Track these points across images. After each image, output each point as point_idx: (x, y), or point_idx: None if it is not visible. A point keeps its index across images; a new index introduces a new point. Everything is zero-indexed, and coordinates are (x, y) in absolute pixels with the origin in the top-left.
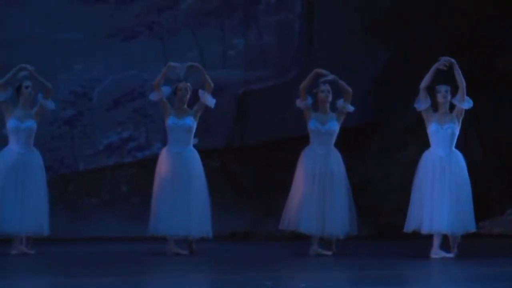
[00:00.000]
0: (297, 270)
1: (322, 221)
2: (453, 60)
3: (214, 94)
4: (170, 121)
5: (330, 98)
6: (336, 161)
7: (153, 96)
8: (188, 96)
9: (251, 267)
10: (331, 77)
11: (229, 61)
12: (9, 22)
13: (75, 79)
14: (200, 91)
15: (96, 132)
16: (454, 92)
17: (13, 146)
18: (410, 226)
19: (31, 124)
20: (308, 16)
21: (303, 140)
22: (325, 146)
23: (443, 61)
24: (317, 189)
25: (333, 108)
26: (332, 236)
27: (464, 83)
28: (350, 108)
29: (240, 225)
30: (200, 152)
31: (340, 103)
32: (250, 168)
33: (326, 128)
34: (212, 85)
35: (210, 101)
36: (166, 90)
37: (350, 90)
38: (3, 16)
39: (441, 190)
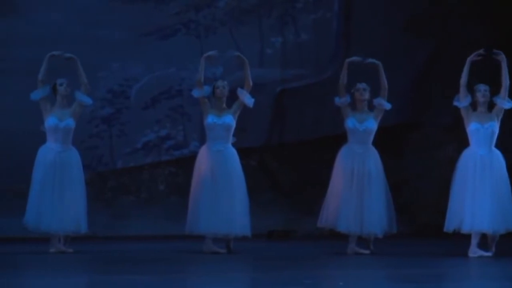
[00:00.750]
0: (335, 269)
1: (360, 219)
2: (502, 55)
3: (251, 92)
4: (209, 119)
5: (367, 96)
6: (374, 160)
7: (196, 93)
8: (226, 94)
9: (289, 266)
10: (366, 60)
11: (267, 59)
12: (47, 21)
13: (113, 78)
14: (239, 90)
15: (133, 130)
16: (493, 92)
17: (51, 144)
18: (450, 225)
19: (70, 122)
20: (345, 14)
21: (340, 138)
22: (363, 144)
23: (488, 54)
24: (356, 188)
25: (371, 107)
26: (370, 235)
27: (508, 82)
28: (387, 105)
29: (278, 223)
30: (238, 150)
31: (377, 101)
32: (288, 166)
33: (363, 126)
34: (251, 84)
35: (249, 101)
36: (207, 89)
37: (386, 83)
38: (42, 15)
39: (482, 189)
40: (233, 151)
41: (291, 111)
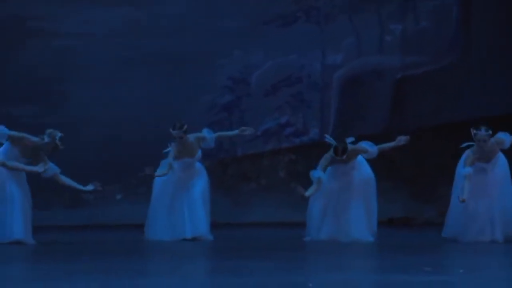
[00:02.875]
0: (456, 257)
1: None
2: None
3: (371, 79)
4: None
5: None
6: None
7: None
8: None
9: (409, 253)
10: None
11: (386, 46)
12: (170, 11)
13: (233, 65)
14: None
15: (254, 118)
16: None
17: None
18: None
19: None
20: (465, 1)
21: (460, 125)
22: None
23: None
24: (490, 183)
25: None
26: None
27: None
28: None
29: (398, 210)
30: (357, 138)
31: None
32: (408, 153)
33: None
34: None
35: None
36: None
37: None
38: (165, 5)
39: None
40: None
41: (411, 98)
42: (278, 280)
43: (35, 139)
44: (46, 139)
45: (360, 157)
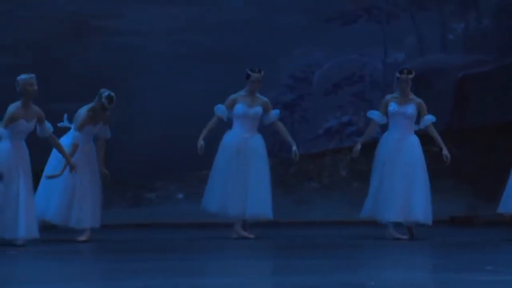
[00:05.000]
0: None
1: None
2: None
3: (433, 77)
4: (391, 107)
5: None
6: None
7: None
8: None
9: (471, 252)
10: None
11: (448, 45)
12: (229, 7)
13: (295, 64)
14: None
15: (315, 116)
16: None
17: (238, 130)
18: None
19: (259, 110)
20: None
21: None
22: None
23: None
24: None
25: None
26: None
27: None
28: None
29: (460, 209)
30: (419, 136)
31: None
32: (470, 152)
33: None
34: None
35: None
36: None
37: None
38: (224, 1)
39: None
40: (415, 139)
41: (473, 97)
42: (340, 279)
43: (90, 105)
44: (96, 100)
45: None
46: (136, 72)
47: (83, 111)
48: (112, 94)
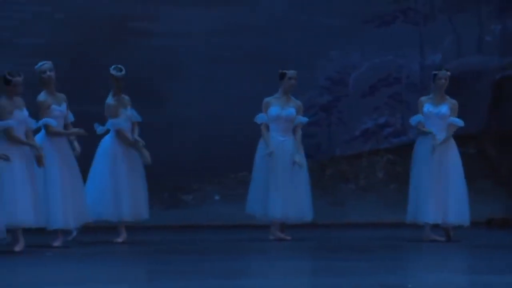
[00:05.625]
0: None
1: None
2: None
3: (470, 79)
4: (425, 108)
5: None
6: None
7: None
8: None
9: (507, 254)
10: None
11: (486, 46)
12: (270, 9)
13: (331, 65)
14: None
15: (352, 118)
16: None
17: (273, 133)
18: None
19: (292, 111)
20: None
21: None
22: None
23: None
24: None
25: None
26: None
27: None
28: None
29: (497, 211)
30: (456, 138)
31: None
32: (508, 153)
33: None
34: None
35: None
36: None
37: None
38: (265, 3)
39: None
40: (452, 140)
41: (510, 98)
42: (377, 281)
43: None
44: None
45: None
46: (173, 74)
47: (109, 99)
48: (118, 66)
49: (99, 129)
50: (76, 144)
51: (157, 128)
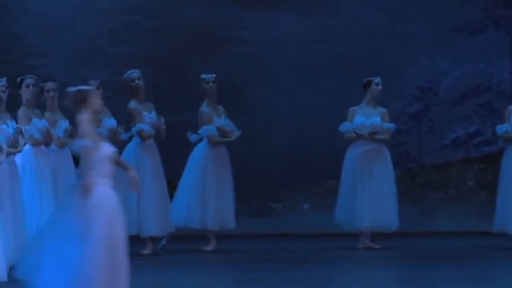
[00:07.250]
0: None
1: None
2: None
3: None
4: None
5: None
6: None
7: None
8: None
9: None
10: None
11: None
12: (358, 17)
13: (421, 74)
14: None
15: (442, 127)
16: None
17: (360, 142)
18: None
19: (377, 120)
20: None
21: None
22: None
23: None
24: None
25: None
26: None
27: None
28: None
29: None
30: None
31: None
32: None
33: None
34: None
35: None
36: None
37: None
38: (353, 11)
39: None
40: None
41: None
42: None
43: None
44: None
45: None
46: (263, 82)
47: (203, 107)
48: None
49: (192, 137)
50: None
51: (245, 136)
